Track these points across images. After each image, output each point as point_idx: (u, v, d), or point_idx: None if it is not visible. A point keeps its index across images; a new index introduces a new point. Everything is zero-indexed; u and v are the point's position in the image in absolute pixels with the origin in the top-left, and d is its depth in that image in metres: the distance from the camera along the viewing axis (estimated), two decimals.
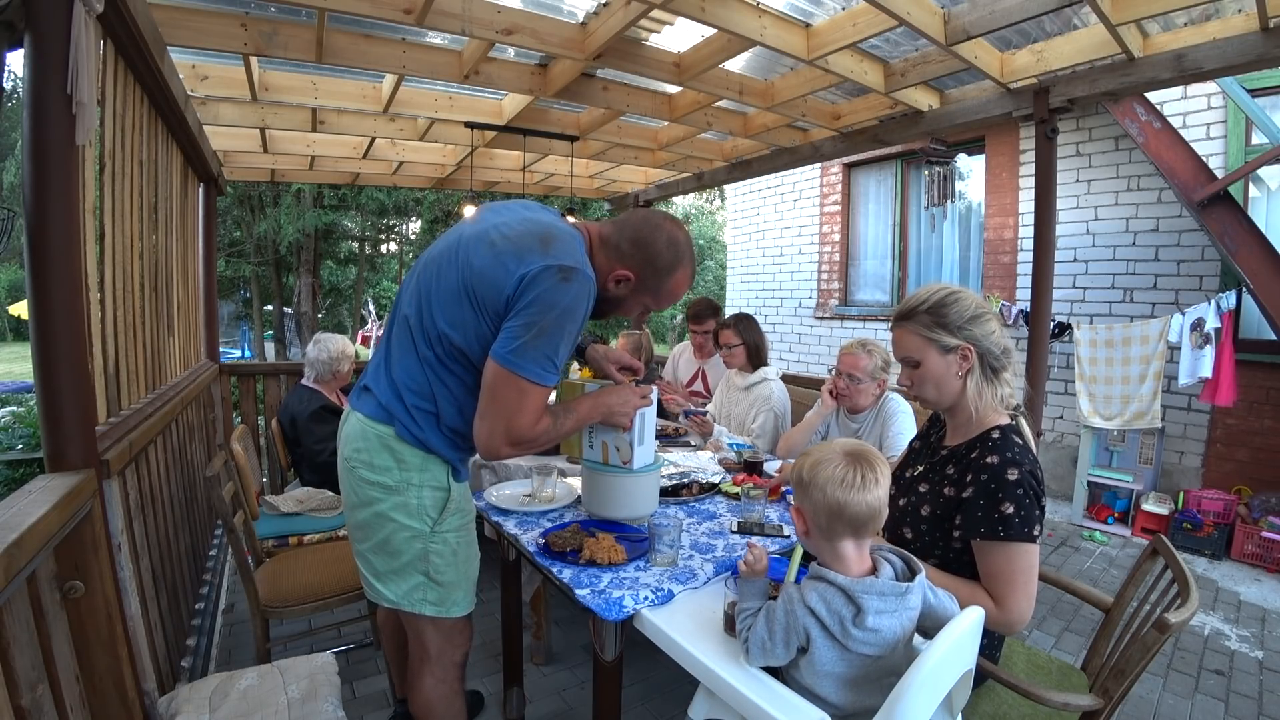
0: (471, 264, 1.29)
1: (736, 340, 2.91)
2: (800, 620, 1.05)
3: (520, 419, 1.28)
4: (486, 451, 1.32)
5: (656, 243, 1.39)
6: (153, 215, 2.19)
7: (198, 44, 2.21)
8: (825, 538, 1.10)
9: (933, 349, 1.33)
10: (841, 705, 1.07)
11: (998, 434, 1.29)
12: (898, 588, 1.06)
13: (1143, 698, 2.26)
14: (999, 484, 1.21)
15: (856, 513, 1.06)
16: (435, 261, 1.37)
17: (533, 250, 1.27)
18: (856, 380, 2.29)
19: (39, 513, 0.98)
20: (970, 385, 1.32)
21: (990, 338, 1.33)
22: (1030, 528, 1.19)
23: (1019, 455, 1.24)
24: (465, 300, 1.29)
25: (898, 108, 3.19)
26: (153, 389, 2.13)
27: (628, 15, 2.16)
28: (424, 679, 1.47)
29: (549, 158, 4.33)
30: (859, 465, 1.07)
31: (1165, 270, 4.17)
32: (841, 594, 1.05)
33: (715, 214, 19.95)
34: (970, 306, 1.33)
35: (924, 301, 1.35)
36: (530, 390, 1.26)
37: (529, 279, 1.23)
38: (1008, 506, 1.20)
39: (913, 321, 1.35)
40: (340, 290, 16.62)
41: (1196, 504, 3.74)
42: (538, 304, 1.23)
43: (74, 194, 1.21)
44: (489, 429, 1.29)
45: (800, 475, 1.11)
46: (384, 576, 1.41)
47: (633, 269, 1.40)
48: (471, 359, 1.32)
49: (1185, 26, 2.41)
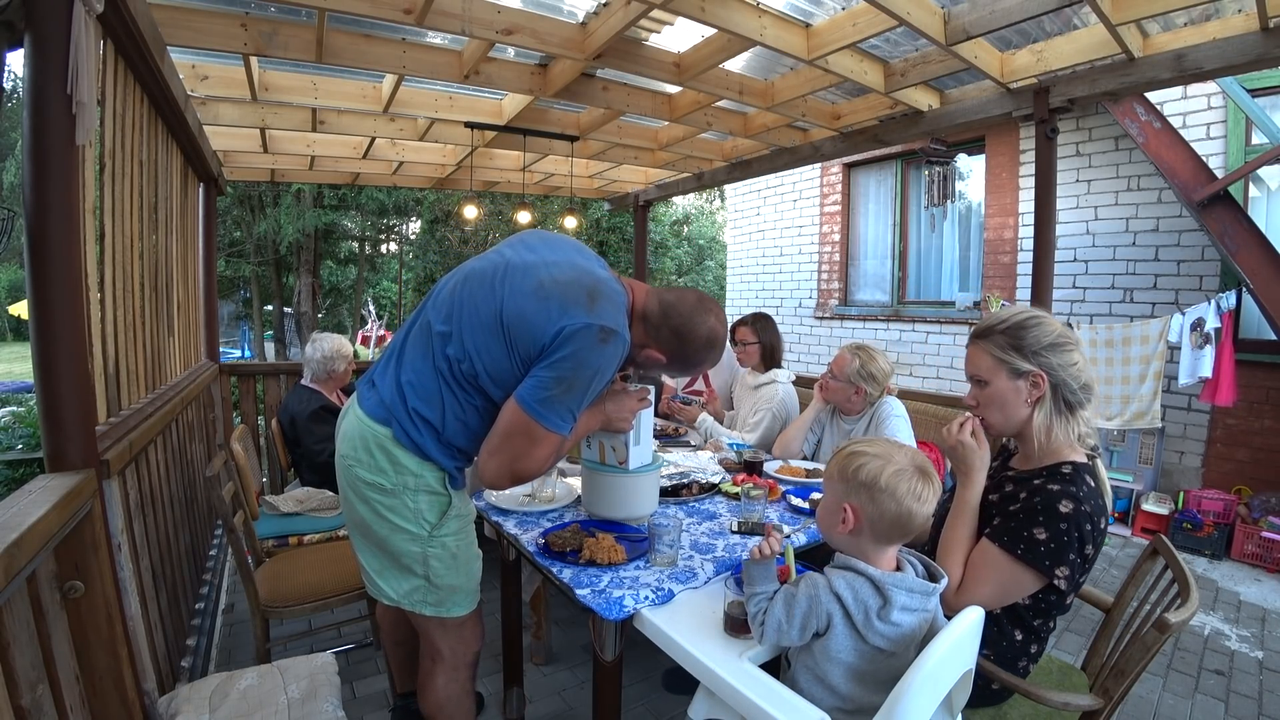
0: (513, 301, 1.28)
1: (752, 339, 2.93)
2: (824, 606, 1.07)
3: (529, 463, 1.30)
4: (491, 484, 1.34)
5: (696, 339, 1.41)
6: (153, 215, 2.19)
7: (198, 44, 2.21)
8: (875, 540, 1.11)
9: (1003, 371, 1.27)
10: (844, 695, 1.09)
11: (1069, 469, 1.22)
12: (925, 586, 1.09)
13: (1143, 698, 2.26)
14: (1046, 509, 1.16)
15: (916, 524, 1.09)
16: (475, 280, 1.36)
17: (579, 304, 1.26)
18: (834, 379, 2.33)
19: (39, 513, 0.98)
20: (1038, 416, 1.26)
21: (1069, 369, 1.25)
22: (1053, 563, 1.15)
23: (1083, 493, 1.17)
24: (499, 333, 1.28)
25: (898, 108, 3.19)
26: (153, 389, 2.13)
27: (628, 15, 2.16)
28: (436, 679, 1.47)
29: (549, 158, 4.33)
30: (928, 480, 1.10)
31: (1165, 270, 4.17)
32: (871, 585, 1.08)
33: (715, 214, 19.94)
34: (1051, 334, 1.26)
35: (1003, 321, 1.30)
36: (544, 438, 1.28)
37: (568, 334, 1.23)
38: (1040, 532, 1.16)
39: (988, 340, 1.30)
40: (340, 290, 16.63)
41: (1196, 504, 3.74)
42: (572, 360, 1.24)
43: (74, 194, 1.21)
44: (497, 466, 1.31)
45: (875, 479, 1.09)
46: (384, 573, 1.41)
47: (666, 354, 1.43)
48: (484, 387, 1.32)
49: (1185, 26, 2.41)
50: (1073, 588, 1.19)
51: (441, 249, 14.01)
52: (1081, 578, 1.20)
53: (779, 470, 2.26)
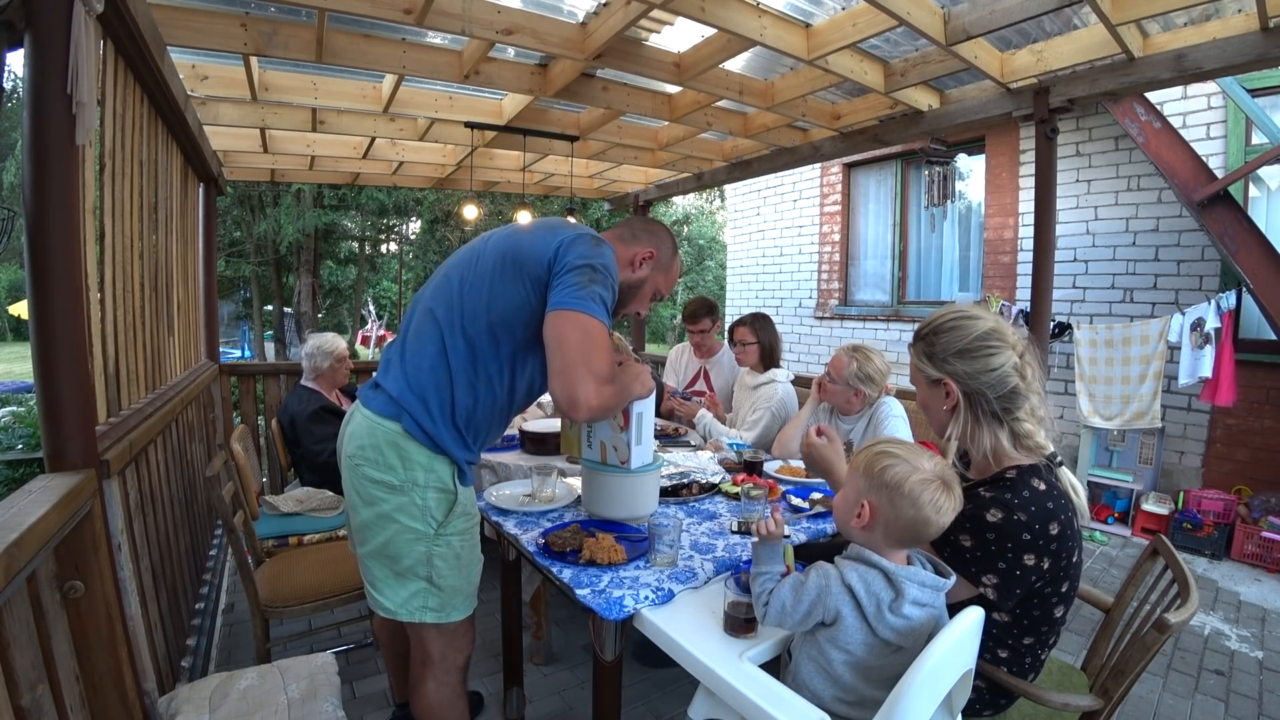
0: (505, 243, 1.42)
1: (751, 338, 2.94)
2: (834, 598, 1.08)
3: (597, 355, 1.26)
4: (574, 404, 1.24)
5: (660, 230, 1.64)
6: (153, 215, 2.19)
7: (198, 44, 2.21)
8: (889, 540, 1.11)
9: (921, 377, 1.29)
10: (847, 685, 1.09)
11: (1013, 473, 1.17)
12: (937, 581, 1.10)
13: (1143, 698, 2.26)
14: (974, 519, 1.13)
15: (930, 534, 1.09)
16: (460, 258, 1.48)
17: (563, 226, 1.44)
18: (831, 380, 2.33)
19: (39, 513, 0.98)
20: (953, 426, 1.23)
21: (983, 376, 1.19)
22: (978, 570, 1.12)
23: (1017, 501, 1.11)
24: (506, 271, 1.37)
25: (898, 108, 3.19)
26: (153, 389, 2.13)
27: (628, 15, 2.16)
28: (426, 683, 1.47)
29: (549, 158, 4.34)
30: (950, 493, 1.09)
31: (1165, 270, 4.17)
32: (883, 577, 1.08)
33: (715, 214, 19.94)
34: (962, 339, 1.21)
35: (928, 325, 1.28)
36: (596, 327, 1.28)
37: (567, 243, 1.36)
38: (965, 539, 1.14)
39: (914, 345, 1.31)
40: (340, 290, 16.64)
41: (1196, 504, 3.74)
42: (581, 258, 1.34)
43: (74, 194, 1.21)
44: (572, 378, 1.23)
45: (900, 483, 1.07)
46: (382, 584, 1.40)
47: (652, 246, 1.58)
48: (498, 342, 1.36)
49: (1185, 26, 2.41)
50: (1008, 598, 1.14)
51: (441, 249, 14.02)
52: (1020, 590, 1.13)
53: (779, 470, 2.27)
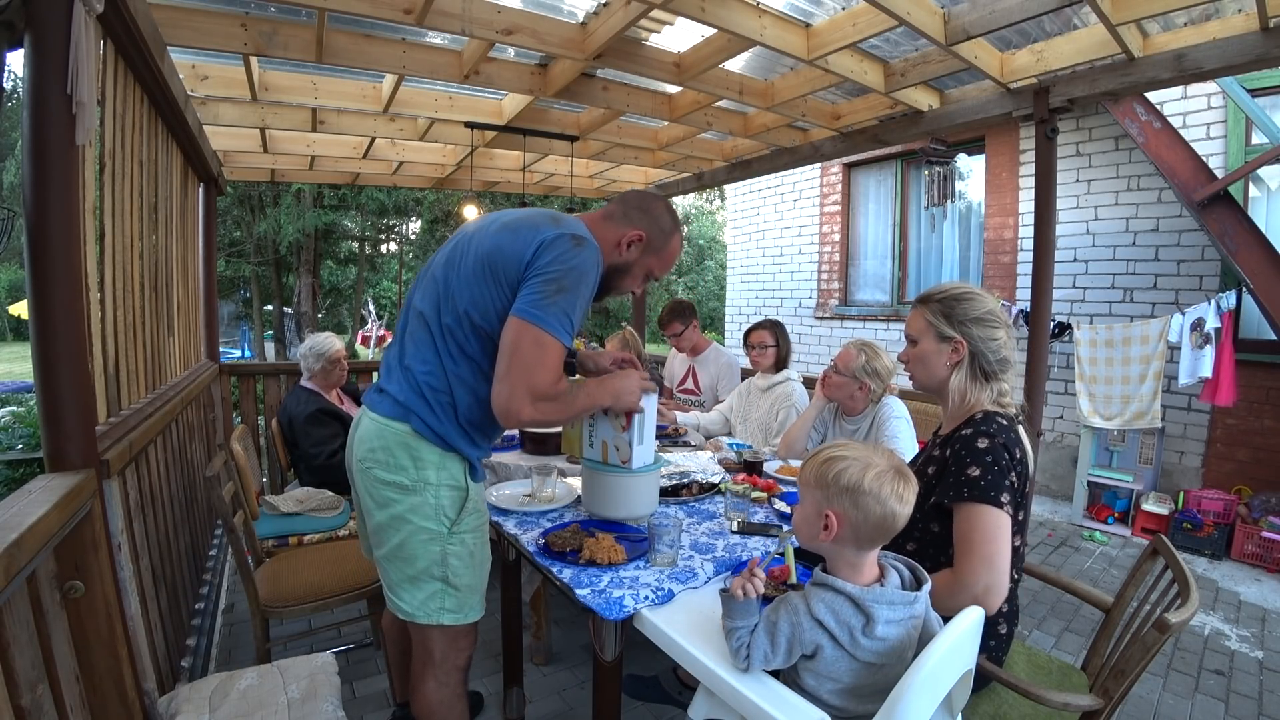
0: (488, 241, 1.38)
1: (771, 342, 2.97)
2: (807, 634, 1.05)
3: (541, 374, 1.29)
4: (507, 414, 1.30)
5: (657, 208, 1.56)
6: (153, 215, 2.19)
7: (198, 44, 2.20)
8: (858, 545, 1.08)
9: (931, 333, 1.44)
10: (840, 707, 1.08)
11: (981, 415, 1.36)
12: (906, 596, 1.06)
13: (1143, 698, 2.26)
14: (968, 450, 1.29)
15: (899, 524, 1.07)
16: (446, 255, 1.44)
17: (546, 223, 1.38)
18: (839, 373, 2.32)
19: (39, 513, 0.98)
20: (955, 378, 1.42)
21: (989, 342, 1.40)
22: (996, 492, 1.23)
23: (994, 429, 1.30)
24: (485, 276, 1.34)
25: (898, 108, 3.19)
26: (153, 389, 2.13)
27: (628, 15, 2.16)
28: (427, 683, 1.47)
29: (549, 158, 4.33)
30: (907, 480, 1.08)
31: (1165, 270, 4.17)
32: (850, 603, 1.05)
33: (715, 214, 19.94)
34: (980, 309, 1.41)
35: (943, 291, 1.46)
36: (550, 344, 1.29)
37: (546, 244, 1.33)
38: (974, 469, 1.26)
39: (926, 306, 1.47)
40: (340, 290, 16.65)
41: (1196, 504, 3.74)
42: (556, 264, 1.31)
43: (74, 194, 1.21)
44: (509, 388, 1.28)
45: (857, 483, 1.06)
46: (399, 586, 1.40)
47: (642, 228, 1.52)
48: (491, 335, 1.35)
49: (1185, 26, 2.41)
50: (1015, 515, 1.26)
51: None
52: (1020, 513, 1.28)
53: (779, 470, 2.27)
